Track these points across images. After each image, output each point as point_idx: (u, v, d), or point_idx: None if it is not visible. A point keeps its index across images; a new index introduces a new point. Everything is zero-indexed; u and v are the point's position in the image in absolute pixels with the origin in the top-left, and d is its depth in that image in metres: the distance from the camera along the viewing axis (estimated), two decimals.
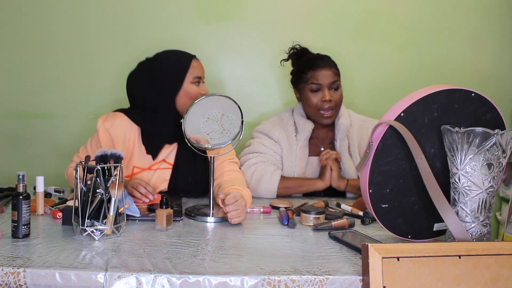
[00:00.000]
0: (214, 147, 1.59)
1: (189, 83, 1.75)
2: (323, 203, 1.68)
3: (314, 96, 1.94)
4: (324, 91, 1.93)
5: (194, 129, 1.54)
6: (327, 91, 1.93)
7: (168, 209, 1.39)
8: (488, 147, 1.14)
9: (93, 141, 1.80)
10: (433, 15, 2.54)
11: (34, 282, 1.05)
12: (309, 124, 2.00)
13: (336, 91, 1.96)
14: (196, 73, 1.77)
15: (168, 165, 1.79)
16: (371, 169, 1.23)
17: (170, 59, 1.77)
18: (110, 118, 1.78)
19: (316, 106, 1.95)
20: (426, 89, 1.23)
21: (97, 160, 1.33)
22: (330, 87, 1.94)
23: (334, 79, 1.94)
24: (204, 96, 1.53)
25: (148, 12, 2.46)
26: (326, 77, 1.93)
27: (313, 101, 1.94)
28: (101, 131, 1.75)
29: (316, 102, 1.94)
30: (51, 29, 2.45)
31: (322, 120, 1.97)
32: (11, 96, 2.48)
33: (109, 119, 1.77)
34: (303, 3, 2.51)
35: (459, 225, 1.17)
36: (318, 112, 1.96)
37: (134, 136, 1.77)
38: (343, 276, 1.07)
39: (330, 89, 1.94)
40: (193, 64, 1.77)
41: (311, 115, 2.00)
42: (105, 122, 1.76)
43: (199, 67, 1.79)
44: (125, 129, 1.76)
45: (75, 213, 1.31)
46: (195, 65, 1.78)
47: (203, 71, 1.81)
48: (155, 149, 1.77)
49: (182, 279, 1.05)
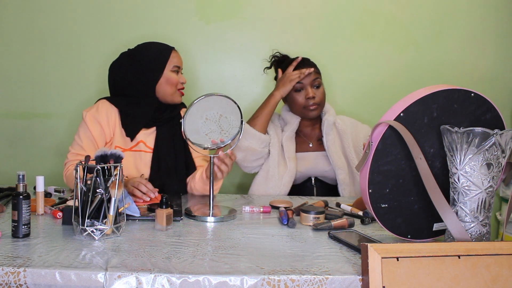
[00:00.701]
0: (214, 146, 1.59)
1: (169, 71, 1.87)
2: (323, 203, 1.68)
3: (299, 96, 2.06)
4: (307, 89, 2.04)
5: (193, 130, 1.54)
6: (310, 89, 2.04)
7: (168, 209, 1.39)
8: (488, 147, 1.14)
9: (81, 133, 1.85)
10: (433, 15, 2.54)
11: (34, 281, 1.05)
12: (295, 117, 2.11)
13: (318, 89, 2.07)
14: (175, 62, 1.89)
15: (148, 149, 1.86)
16: (371, 169, 1.23)
17: (152, 49, 1.89)
18: (93, 106, 1.90)
19: (302, 104, 2.06)
20: (426, 89, 1.24)
21: (97, 160, 1.33)
22: (312, 85, 2.05)
23: (315, 77, 2.06)
24: (203, 96, 1.53)
25: (148, 12, 2.46)
26: (307, 77, 2.04)
27: (298, 100, 2.06)
28: (88, 119, 1.84)
29: (301, 101, 2.06)
30: (51, 30, 2.45)
31: (309, 114, 2.07)
32: (11, 96, 2.48)
33: (92, 107, 1.89)
34: (303, 3, 2.51)
35: (459, 225, 1.17)
36: (304, 110, 2.07)
37: (115, 118, 1.86)
38: (342, 276, 1.07)
39: (313, 87, 2.05)
40: (172, 54, 1.90)
41: (298, 113, 2.10)
42: (89, 110, 1.87)
43: (178, 57, 1.92)
44: (106, 112, 1.86)
45: (75, 213, 1.31)
46: (175, 55, 1.91)
47: (181, 62, 1.94)
48: (133, 131, 1.85)
49: (182, 279, 1.05)
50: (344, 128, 2.11)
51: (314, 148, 2.12)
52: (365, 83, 2.56)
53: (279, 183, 2.01)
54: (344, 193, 2.03)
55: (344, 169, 2.04)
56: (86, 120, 1.83)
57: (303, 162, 2.08)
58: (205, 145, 1.58)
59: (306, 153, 2.10)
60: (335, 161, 2.04)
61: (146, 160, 1.85)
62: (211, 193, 1.57)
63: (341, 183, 2.03)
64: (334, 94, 2.51)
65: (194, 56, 2.49)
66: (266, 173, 2.04)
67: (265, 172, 2.04)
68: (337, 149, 2.07)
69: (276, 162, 2.03)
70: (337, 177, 2.04)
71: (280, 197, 1.94)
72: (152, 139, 1.87)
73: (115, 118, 1.86)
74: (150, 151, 1.86)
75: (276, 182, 2.01)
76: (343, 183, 2.03)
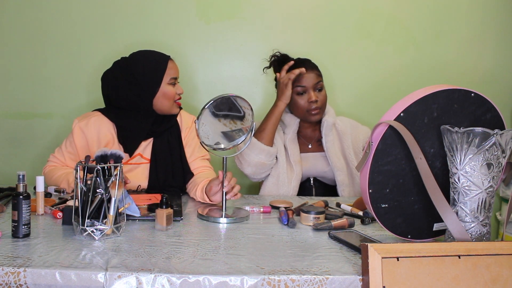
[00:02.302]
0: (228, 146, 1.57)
1: (166, 84, 1.82)
2: (323, 203, 1.68)
3: (301, 99, 2.02)
4: (310, 92, 2.00)
5: (204, 131, 1.53)
6: (312, 92, 2.00)
7: (168, 209, 1.39)
8: (488, 147, 1.14)
9: (67, 142, 1.85)
10: (433, 15, 2.54)
11: (35, 281, 1.05)
12: (295, 120, 2.08)
13: (321, 92, 2.03)
14: (172, 74, 1.84)
15: (145, 160, 1.83)
16: (371, 169, 1.23)
17: (147, 62, 1.81)
18: (85, 117, 1.85)
19: (304, 108, 2.02)
20: (426, 89, 1.23)
21: (97, 160, 1.33)
22: (314, 88, 2.01)
23: (318, 80, 2.02)
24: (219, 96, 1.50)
25: (148, 12, 2.46)
26: (309, 79, 2.00)
27: (300, 103, 2.02)
28: (76, 131, 1.81)
29: (303, 104, 2.02)
30: (52, 30, 2.45)
31: (311, 118, 2.04)
32: (12, 96, 2.48)
33: (84, 118, 1.84)
34: (303, 3, 2.51)
35: (459, 225, 1.17)
36: (306, 112, 2.03)
37: (110, 134, 1.81)
38: (342, 276, 1.07)
39: (315, 90, 2.01)
40: (169, 65, 1.84)
41: (300, 116, 2.07)
42: (80, 121, 1.83)
43: (174, 68, 1.86)
44: (99, 127, 1.82)
45: (75, 213, 1.31)
46: (171, 66, 1.85)
47: (178, 71, 1.88)
48: (131, 147, 1.82)
49: (182, 279, 1.05)
50: (343, 129, 2.09)
51: (313, 149, 2.11)
52: (365, 83, 2.56)
53: (289, 188, 2.00)
54: (343, 194, 2.03)
55: (343, 170, 2.03)
56: (74, 131, 1.82)
57: (302, 162, 2.07)
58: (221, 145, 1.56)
59: (305, 154, 2.09)
60: (334, 162, 2.04)
61: (143, 171, 1.82)
62: (223, 194, 1.56)
63: (340, 184, 2.03)
64: (334, 94, 2.51)
65: (194, 56, 2.49)
66: (276, 179, 2.02)
67: (275, 179, 2.02)
68: (336, 150, 2.06)
69: (285, 168, 2.02)
70: (336, 178, 2.03)
71: (280, 197, 1.94)
72: (149, 150, 1.84)
73: (111, 132, 1.82)
74: (147, 162, 1.84)
75: (286, 187, 2.00)
76: (342, 184, 2.03)
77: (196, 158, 1.91)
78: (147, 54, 1.85)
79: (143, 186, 1.81)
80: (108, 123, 1.83)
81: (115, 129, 1.83)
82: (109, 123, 1.83)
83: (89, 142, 1.80)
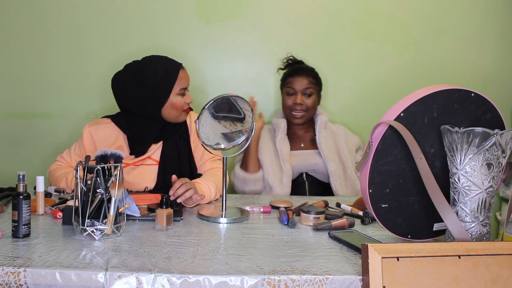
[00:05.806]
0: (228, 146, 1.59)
1: (175, 95, 1.80)
2: (323, 203, 1.68)
3: (289, 99, 2.19)
4: (297, 95, 2.16)
5: (205, 132, 1.53)
6: (300, 95, 2.16)
7: (168, 209, 1.39)
8: (488, 147, 1.14)
9: (77, 145, 1.88)
10: (433, 15, 2.54)
11: (35, 281, 1.05)
12: (281, 120, 2.23)
13: (309, 97, 2.17)
14: (182, 84, 1.81)
15: (154, 162, 1.84)
16: (371, 169, 1.23)
17: (158, 70, 1.78)
18: (95, 123, 1.88)
19: (289, 107, 2.19)
20: (426, 89, 1.24)
21: (97, 160, 1.33)
22: (303, 92, 2.16)
23: (308, 86, 2.16)
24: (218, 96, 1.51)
25: (149, 12, 2.46)
26: (300, 84, 2.16)
27: (287, 102, 2.20)
28: (85, 134, 1.84)
29: (289, 104, 2.19)
30: (51, 30, 2.45)
31: (293, 120, 2.20)
32: (11, 96, 2.48)
33: (94, 124, 1.87)
34: (303, 3, 2.51)
35: (459, 225, 1.17)
36: (290, 112, 2.19)
37: (120, 141, 1.83)
38: (343, 276, 1.07)
39: (303, 95, 2.16)
40: (180, 75, 1.80)
41: (286, 114, 2.24)
42: (90, 126, 1.86)
43: (185, 78, 1.83)
44: (109, 134, 1.84)
45: (75, 213, 1.31)
46: (182, 76, 1.81)
47: (188, 80, 1.86)
48: (140, 153, 1.82)
49: (182, 279, 1.05)
50: (337, 130, 2.23)
51: (306, 147, 2.22)
52: (365, 83, 2.56)
53: (281, 187, 2.09)
54: (336, 185, 2.08)
55: (335, 161, 2.12)
56: (83, 135, 1.85)
57: (294, 157, 2.16)
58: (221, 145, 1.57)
59: (297, 151, 2.20)
60: (327, 154, 2.13)
61: (151, 172, 1.82)
62: (224, 194, 1.56)
63: (332, 174, 2.10)
64: (334, 94, 2.52)
65: (194, 56, 2.48)
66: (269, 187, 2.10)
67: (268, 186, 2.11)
68: (329, 145, 2.17)
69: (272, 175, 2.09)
70: (328, 169, 2.11)
71: (280, 197, 1.94)
72: (158, 152, 1.84)
73: (121, 141, 1.83)
74: (155, 164, 1.83)
75: (278, 188, 2.09)
76: (335, 174, 2.10)
77: (206, 161, 1.90)
78: (159, 62, 1.81)
79: (150, 188, 1.81)
80: (118, 131, 1.84)
81: (125, 138, 1.84)
82: (118, 131, 1.84)
83: (98, 148, 1.78)
